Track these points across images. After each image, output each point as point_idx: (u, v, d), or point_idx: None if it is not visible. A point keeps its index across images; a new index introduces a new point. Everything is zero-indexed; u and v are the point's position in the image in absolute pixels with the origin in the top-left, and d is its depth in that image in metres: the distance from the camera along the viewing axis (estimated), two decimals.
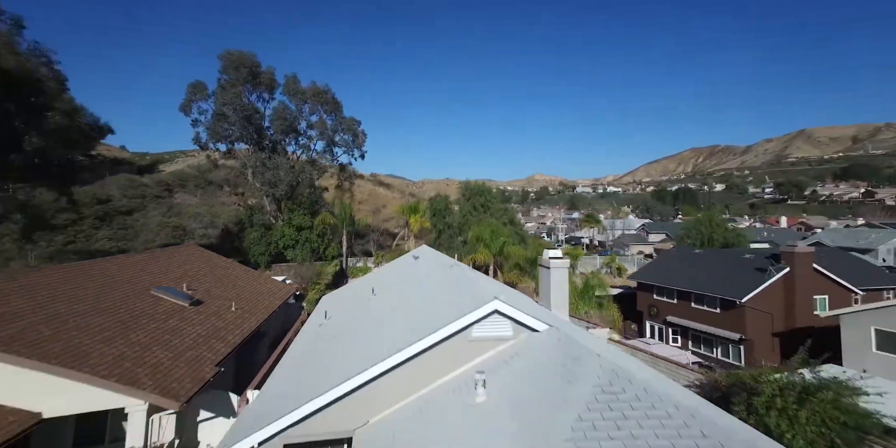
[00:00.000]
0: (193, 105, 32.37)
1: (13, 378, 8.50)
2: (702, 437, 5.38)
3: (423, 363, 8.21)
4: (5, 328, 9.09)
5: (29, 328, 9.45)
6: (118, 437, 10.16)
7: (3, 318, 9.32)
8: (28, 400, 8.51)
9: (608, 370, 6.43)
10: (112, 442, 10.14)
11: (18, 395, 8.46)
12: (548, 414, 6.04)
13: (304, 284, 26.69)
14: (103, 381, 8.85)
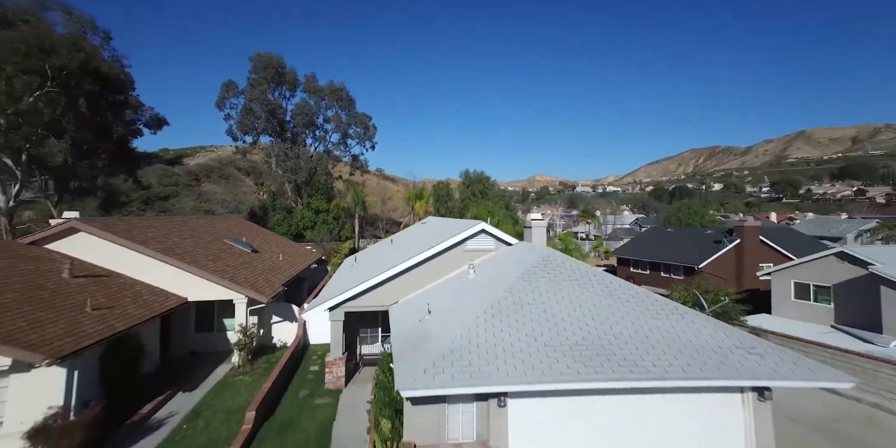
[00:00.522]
0: (227, 101, 36.81)
1: (171, 276, 12.90)
2: (595, 277, 9.71)
3: (434, 265, 12.53)
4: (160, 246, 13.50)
5: (170, 248, 13.84)
6: (221, 328, 14.57)
7: (156, 239, 13.75)
8: (180, 289, 12.91)
9: (547, 254, 10.75)
10: (218, 331, 14.51)
11: (174, 286, 12.88)
12: (507, 274, 10.35)
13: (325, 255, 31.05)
14: (222, 280, 13.24)
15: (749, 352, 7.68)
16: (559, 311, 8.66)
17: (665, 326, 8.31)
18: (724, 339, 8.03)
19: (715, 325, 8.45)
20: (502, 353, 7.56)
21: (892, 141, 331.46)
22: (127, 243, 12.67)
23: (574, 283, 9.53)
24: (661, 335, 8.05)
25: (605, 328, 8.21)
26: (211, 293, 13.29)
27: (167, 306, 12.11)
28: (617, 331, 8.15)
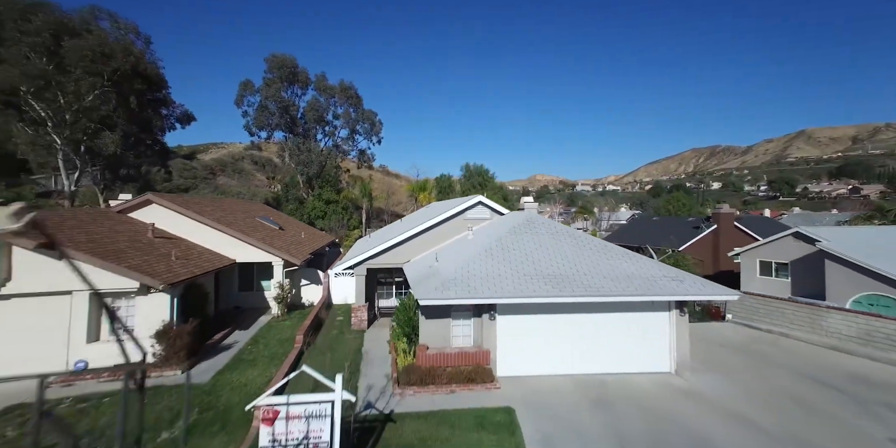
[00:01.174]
0: (244, 99, 39.58)
1: (221, 241, 15.66)
2: (567, 232, 12.44)
3: (440, 231, 15.26)
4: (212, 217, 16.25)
5: (219, 219, 16.59)
6: (260, 288, 17.32)
7: (207, 212, 16.52)
8: (228, 252, 15.67)
9: (531, 217, 13.47)
10: (257, 290, 17.27)
11: (224, 250, 15.64)
12: (497, 233, 13.07)
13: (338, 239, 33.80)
14: (264, 245, 16.00)
15: (673, 279, 10.42)
16: (537, 253, 11.39)
17: (615, 264, 11.04)
18: (658, 272, 10.76)
19: (653, 264, 11.18)
20: (492, 279, 10.29)
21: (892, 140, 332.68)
22: (189, 213, 15.44)
23: (550, 236, 12.27)
24: (610, 269, 10.79)
25: (570, 265, 10.94)
26: (254, 256, 16.04)
27: (222, 263, 14.86)
28: (579, 267, 10.88)
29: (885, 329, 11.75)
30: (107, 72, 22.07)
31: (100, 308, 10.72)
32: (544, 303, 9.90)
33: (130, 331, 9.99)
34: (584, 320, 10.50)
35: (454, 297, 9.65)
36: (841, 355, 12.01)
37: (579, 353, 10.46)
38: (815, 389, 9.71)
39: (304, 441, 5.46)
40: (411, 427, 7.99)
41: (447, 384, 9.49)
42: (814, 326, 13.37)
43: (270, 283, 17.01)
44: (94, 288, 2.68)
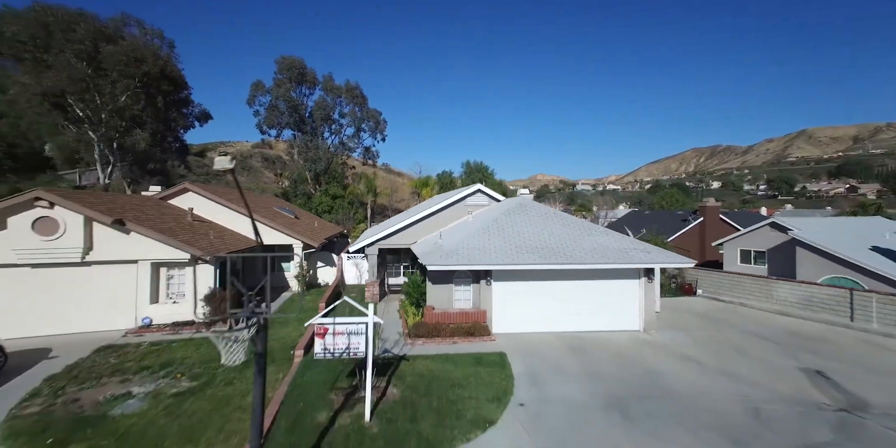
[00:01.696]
0: (256, 99, 41.53)
1: (247, 224, 17.55)
2: (554, 214, 14.35)
3: (443, 216, 17.17)
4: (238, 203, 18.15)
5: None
6: (280, 269, 19.26)
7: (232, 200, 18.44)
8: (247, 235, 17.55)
9: (524, 201, 15.38)
10: (278, 271, 19.20)
11: (250, 233, 17.50)
12: (494, 215, 14.98)
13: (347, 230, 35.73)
14: (285, 229, 17.94)
15: (642, 251, 12.33)
16: (527, 231, 13.31)
17: (594, 239, 12.95)
18: (629, 245, 12.67)
19: (626, 239, 13.09)
20: (488, 250, 12.21)
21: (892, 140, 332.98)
22: (220, 200, 17.38)
23: (539, 217, 14.19)
24: (590, 243, 12.70)
25: (555, 240, 12.85)
26: (276, 239, 17.98)
27: (248, 245, 16.80)
28: (563, 241, 12.79)
29: (818, 295, 13.68)
30: (138, 74, 24.10)
31: (158, 275, 12.69)
32: (532, 269, 11.82)
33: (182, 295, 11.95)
34: (568, 286, 12.41)
35: (456, 264, 11.57)
36: (784, 318, 13.98)
37: (563, 314, 12.37)
38: (753, 341, 11.62)
39: (346, 350, 7.38)
40: (421, 364, 9.91)
41: (450, 337, 11.41)
42: (767, 296, 15.28)
43: (290, 264, 18.96)
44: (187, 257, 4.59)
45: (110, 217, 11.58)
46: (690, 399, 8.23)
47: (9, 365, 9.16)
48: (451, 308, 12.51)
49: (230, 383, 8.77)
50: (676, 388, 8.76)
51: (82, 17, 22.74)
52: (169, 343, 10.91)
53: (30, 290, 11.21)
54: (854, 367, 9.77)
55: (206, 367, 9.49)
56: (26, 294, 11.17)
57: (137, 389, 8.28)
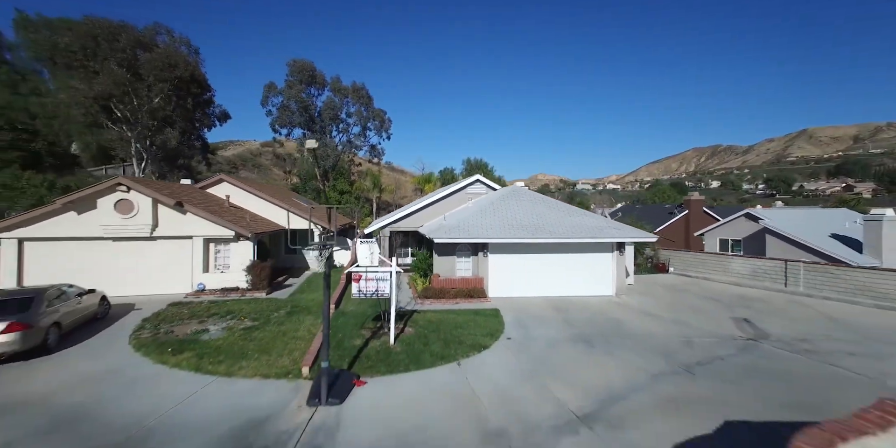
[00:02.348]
0: (269, 99, 43.97)
1: (273, 211, 20.03)
2: (542, 199, 16.77)
3: (446, 203, 19.59)
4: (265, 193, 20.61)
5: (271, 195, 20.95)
6: (300, 252, 21.66)
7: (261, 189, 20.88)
8: (279, 220, 20.04)
9: (516, 189, 17.79)
10: (298, 254, 21.62)
11: (275, 218, 20.00)
12: (490, 200, 17.38)
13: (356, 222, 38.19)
14: (306, 215, 20.32)
15: (614, 228, 14.73)
16: (518, 212, 15.71)
17: (575, 219, 15.36)
18: (605, 224, 15.08)
19: (603, 220, 15.50)
20: (485, 227, 14.61)
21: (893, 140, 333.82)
22: (252, 190, 19.83)
23: (529, 202, 16.60)
24: (571, 223, 15.10)
25: (542, 219, 15.26)
26: (298, 223, 20.42)
27: (276, 228, 19.25)
28: (548, 220, 15.19)
29: (762, 267, 16.06)
30: (171, 78, 26.58)
31: (208, 249, 15.13)
32: (522, 243, 14.22)
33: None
34: (553, 258, 14.81)
35: (457, 238, 13.99)
36: (736, 287, 16.47)
37: (548, 282, 14.77)
38: (705, 302, 14.02)
39: (375, 292, 9.79)
40: (430, 314, 12.32)
41: (453, 298, 13.82)
42: (724, 271, 17.66)
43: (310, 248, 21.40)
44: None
45: (172, 200, 14.03)
46: (642, 336, 10.62)
47: (109, 313, 11.63)
48: (454, 276, 14.93)
49: (281, 324, 11.20)
50: (633, 330, 11.15)
51: (124, 28, 25.26)
52: (223, 301, 13.35)
53: (111, 258, 13.67)
54: (772, 316, 12.19)
55: (260, 314, 11.93)
56: (108, 262, 13.62)
57: (214, 326, 10.72)
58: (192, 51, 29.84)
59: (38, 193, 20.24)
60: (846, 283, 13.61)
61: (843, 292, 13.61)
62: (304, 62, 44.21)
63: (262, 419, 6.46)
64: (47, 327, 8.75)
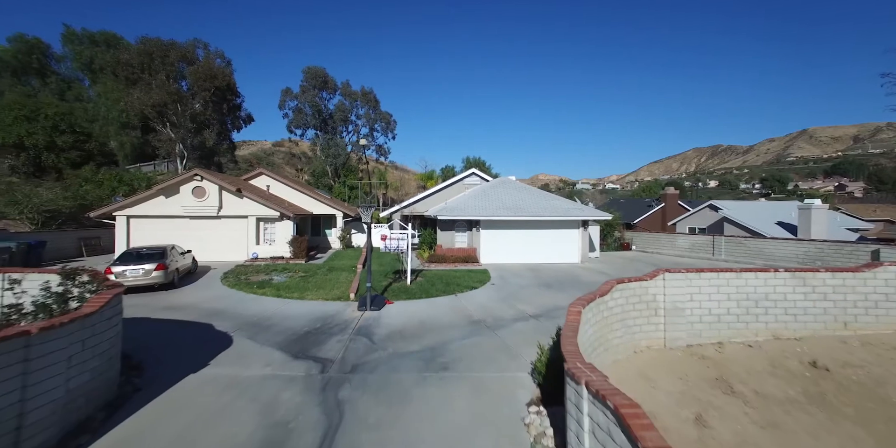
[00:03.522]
0: (286, 103, 48.13)
1: (302, 200, 24.04)
2: (525, 187, 20.78)
3: (447, 192, 23.59)
4: (294, 184, 24.62)
5: (298, 186, 24.99)
6: (325, 234, 25.71)
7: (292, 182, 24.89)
8: (307, 207, 24.03)
9: (505, 179, 21.78)
10: (322, 236, 25.63)
11: (305, 205, 24.00)
12: (483, 189, 21.36)
13: None
14: (331, 202, 24.38)
15: (579, 209, 18.69)
16: (505, 197, 19.68)
17: (550, 202, 19.32)
18: (572, 206, 19.04)
19: (573, 203, 19.44)
20: (478, 208, 18.58)
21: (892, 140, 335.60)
22: (286, 181, 23.85)
23: (514, 189, 20.57)
24: (546, 205, 19.06)
25: (523, 202, 19.22)
26: (323, 210, 24.42)
27: (305, 213, 23.26)
28: (528, 203, 19.15)
29: (699, 242, 20.03)
30: (211, 87, 30.70)
31: (259, 226, 19.15)
32: (506, 220, 18.18)
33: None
34: (531, 233, 18.76)
35: (456, 215, 17.97)
36: (679, 258, 20.42)
37: (527, 252, 18.70)
38: (646, 266, 17.95)
39: (396, 248, 13.80)
40: (435, 271, 16.28)
41: (453, 262, 17.78)
42: (672, 246, 21.61)
43: (332, 230, 25.40)
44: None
45: (234, 187, 18.05)
46: (588, 283, 14.55)
47: (197, 269, 15.67)
48: (453, 246, 18.91)
49: (326, 275, 15.20)
50: (584, 281, 15.10)
51: (172, 46, 29.37)
52: (275, 264, 17.38)
53: (189, 232, 17.71)
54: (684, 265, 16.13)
55: (307, 271, 15.94)
56: (186, 234, 17.64)
57: (277, 277, 14.72)
58: (225, 62, 33.99)
59: (111, 185, 24.26)
60: (749, 250, 17.61)
61: (748, 256, 17.67)
62: (318, 69, 48.33)
63: (331, 315, 10.45)
64: (174, 270, 12.77)
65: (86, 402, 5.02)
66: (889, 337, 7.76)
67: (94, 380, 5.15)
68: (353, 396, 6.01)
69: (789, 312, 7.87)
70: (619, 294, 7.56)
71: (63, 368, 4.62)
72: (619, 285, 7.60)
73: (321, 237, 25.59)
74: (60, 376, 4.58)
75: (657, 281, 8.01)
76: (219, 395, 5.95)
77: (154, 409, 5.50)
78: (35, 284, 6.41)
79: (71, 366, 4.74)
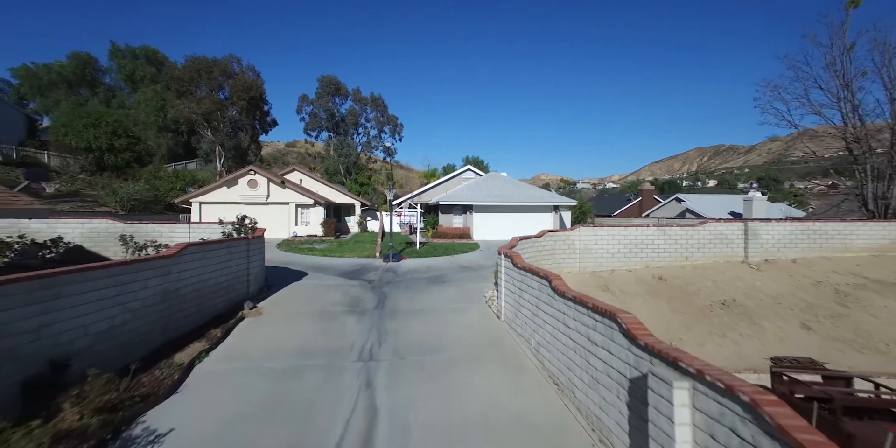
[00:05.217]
0: (303, 108, 53.16)
1: (326, 191, 29.00)
2: (510, 180, 25.68)
3: (446, 185, 28.48)
4: (320, 178, 29.59)
5: (320, 180, 29.97)
6: (344, 220, 30.65)
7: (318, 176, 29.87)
8: (330, 197, 28.96)
9: (495, 174, 26.65)
10: (344, 222, 30.55)
11: (328, 195, 28.97)
12: (476, 182, 26.24)
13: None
14: (351, 194, 29.30)
15: (551, 197, 23.52)
16: (493, 188, 24.54)
17: (529, 192, 24.17)
18: (547, 195, 23.90)
19: (548, 193, 24.25)
20: (472, 196, 23.45)
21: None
22: (314, 176, 28.76)
23: (501, 182, 25.43)
24: (525, 194, 23.90)
25: (508, 192, 24.07)
26: (344, 200, 29.31)
27: (332, 202, 28.16)
28: (511, 193, 24.00)
29: (640, 227, 24.79)
30: (247, 97, 35.71)
31: (297, 211, 24.09)
32: (493, 205, 23.01)
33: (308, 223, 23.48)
34: (513, 216, 23.56)
35: (454, 201, 22.85)
36: None
37: (510, 231, 23.43)
38: None
39: (408, 223, 18.61)
40: (437, 243, 21.14)
41: (451, 238, 22.63)
42: None
43: (351, 217, 30.32)
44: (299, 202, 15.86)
45: (279, 179, 22.99)
46: None
47: None
48: (452, 226, 23.79)
49: (354, 245, 20.11)
50: None
51: (215, 63, 34.40)
52: (312, 239, 22.32)
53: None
54: None
55: (339, 243, 20.84)
56: None
57: (318, 245, 19.64)
58: (255, 75, 39.06)
59: (171, 179, 29.25)
60: None
61: None
62: (331, 77, 53.32)
63: (366, 264, 15.36)
64: None
65: (264, 278, 10.00)
66: (708, 265, 12.60)
67: (262, 270, 10.11)
68: (390, 291, 10.94)
69: (655, 251, 12.68)
70: (550, 237, 12.40)
71: (256, 255, 9.58)
72: (549, 233, 12.46)
73: (342, 223, 30.49)
74: (256, 261, 9.54)
75: (575, 232, 12.87)
76: (316, 288, 10.92)
77: (284, 291, 10.47)
78: (203, 230, 11.39)
79: (254, 258, 9.69)
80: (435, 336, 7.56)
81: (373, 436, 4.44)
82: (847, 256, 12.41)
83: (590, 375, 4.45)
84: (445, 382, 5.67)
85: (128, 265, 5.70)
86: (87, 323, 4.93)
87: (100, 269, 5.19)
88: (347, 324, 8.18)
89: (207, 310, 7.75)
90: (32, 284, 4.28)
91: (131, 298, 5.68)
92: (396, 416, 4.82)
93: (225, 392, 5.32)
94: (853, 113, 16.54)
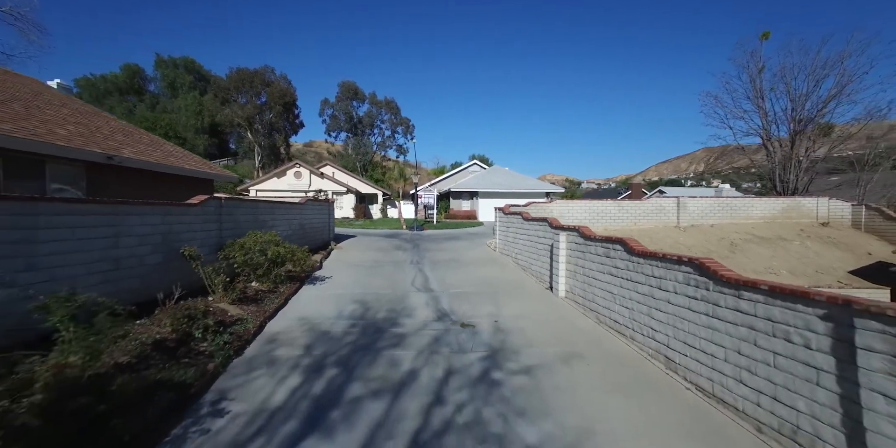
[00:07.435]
0: (325, 111, 58.42)
1: (353, 183, 33.99)
2: (510, 172, 30.50)
3: (456, 176, 33.33)
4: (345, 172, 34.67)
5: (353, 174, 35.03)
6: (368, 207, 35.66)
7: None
8: (357, 187, 33.93)
9: (497, 168, 31.46)
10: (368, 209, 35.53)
11: (355, 186, 33.91)
12: (482, 173, 31.06)
13: None
14: (374, 185, 34.29)
15: (545, 186, 28.26)
16: (495, 178, 29.34)
17: (527, 182, 28.94)
18: (540, 185, 28.62)
19: (541, 182, 28.99)
20: (477, 185, 28.28)
21: None
22: (344, 170, 33.78)
23: (502, 174, 30.21)
24: (524, 184, 28.67)
25: (508, 182, 28.86)
26: (368, 190, 34.25)
27: (358, 191, 33.12)
28: (512, 182, 28.79)
29: None
30: (282, 103, 40.91)
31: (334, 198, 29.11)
32: (495, 192, 27.79)
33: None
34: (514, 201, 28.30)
35: (463, 188, 27.70)
36: None
37: None
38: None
39: (428, 202, 23.49)
40: (448, 222, 25.99)
41: (460, 219, 27.45)
42: None
43: (374, 205, 35.29)
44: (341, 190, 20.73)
45: (319, 171, 27.98)
46: None
47: None
48: (461, 210, 28.63)
49: (383, 222, 25.03)
50: None
51: (256, 73, 39.63)
52: (346, 221, 27.25)
53: None
54: None
55: (371, 221, 25.76)
56: None
57: (355, 222, 24.56)
58: (287, 83, 44.31)
59: None
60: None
61: None
62: (350, 83, 58.51)
63: (396, 232, 20.28)
64: None
65: (333, 233, 14.96)
66: (650, 228, 17.29)
67: (333, 225, 15.06)
68: (420, 242, 15.84)
69: (612, 218, 17.38)
70: (534, 206, 17.17)
71: (330, 215, 14.54)
72: (534, 203, 17.23)
73: (367, 209, 35.48)
74: (330, 218, 14.50)
75: (553, 204, 17.63)
76: (369, 241, 15.90)
77: (349, 241, 15.42)
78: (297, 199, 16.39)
79: (330, 216, 14.64)
80: (453, 258, 12.40)
81: (428, 283, 9.26)
82: (748, 222, 17.02)
83: (530, 254, 9.24)
84: (463, 270, 10.51)
85: (286, 204, 10.65)
86: (284, 228, 9.86)
87: (263, 203, 10.15)
88: (397, 253, 13.05)
89: (315, 241, 12.67)
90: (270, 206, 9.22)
91: (294, 221, 10.61)
92: (437, 278, 9.66)
93: (345, 270, 10.21)
94: (764, 119, 20.95)
